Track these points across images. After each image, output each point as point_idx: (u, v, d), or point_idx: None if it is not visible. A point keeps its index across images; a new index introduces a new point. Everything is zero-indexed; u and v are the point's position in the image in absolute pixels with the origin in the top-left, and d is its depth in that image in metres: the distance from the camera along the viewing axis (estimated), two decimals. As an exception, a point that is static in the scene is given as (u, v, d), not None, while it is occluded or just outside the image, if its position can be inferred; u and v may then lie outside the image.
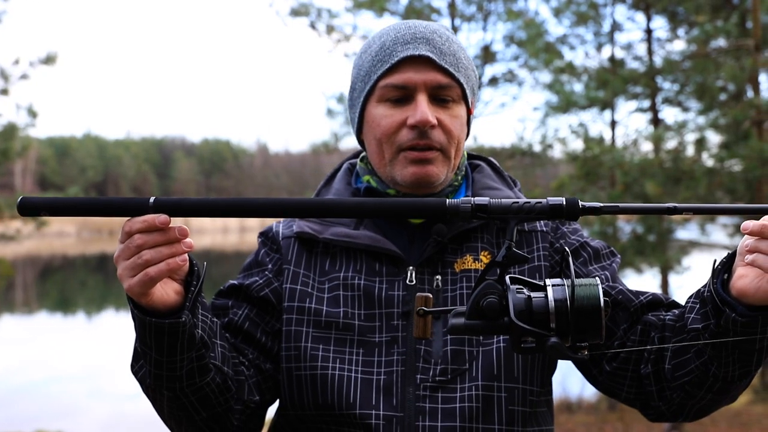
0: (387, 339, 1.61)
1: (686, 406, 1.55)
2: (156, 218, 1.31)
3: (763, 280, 1.31)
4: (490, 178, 1.79)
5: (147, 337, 1.40)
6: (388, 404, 1.57)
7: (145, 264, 1.31)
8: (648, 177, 7.91)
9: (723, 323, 1.37)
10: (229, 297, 1.71)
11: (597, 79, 9.81)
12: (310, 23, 11.17)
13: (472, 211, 1.29)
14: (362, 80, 1.69)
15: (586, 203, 1.28)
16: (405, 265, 1.65)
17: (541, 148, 10.30)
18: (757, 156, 7.46)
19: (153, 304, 1.37)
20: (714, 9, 10.00)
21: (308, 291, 1.66)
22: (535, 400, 1.64)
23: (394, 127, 1.64)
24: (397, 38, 1.65)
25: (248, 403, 1.60)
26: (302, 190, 74.47)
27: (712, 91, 9.11)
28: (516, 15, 10.52)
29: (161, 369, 1.43)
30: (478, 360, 1.59)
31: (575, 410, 11.35)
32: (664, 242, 8.96)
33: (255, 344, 1.66)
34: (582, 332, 1.20)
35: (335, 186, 1.80)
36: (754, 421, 10.44)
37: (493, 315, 1.25)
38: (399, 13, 10.73)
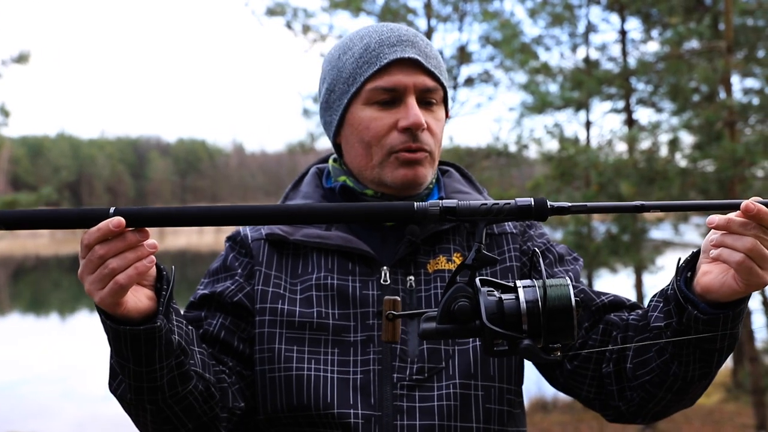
0: (362, 338, 1.60)
1: (645, 406, 1.55)
2: (110, 223, 1.26)
3: (728, 275, 1.32)
4: (460, 183, 1.80)
5: (123, 348, 1.36)
6: (366, 403, 1.56)
7: (113, 273, 1.27)
8: (622, 177, 7.96)
9: (685, 321, 1.37)
10: (201, 308, 1.68)
11: (572, 80, 9.86)
12: (286, 23, 11.13)
13: (440, 213, 1.29)
14: (345, 82, 1.67)
15: (555, 203, 1.28)
16: (378, 265, 1.64)
17: (517, 148, 10.34)
18: (729, 156, 7.53)
19: (127, 313, 1.33)
20: (687, 11, 10.09)
21: (280, 292, 1.64)
22: (513, 399, 1.64)
23: (384, 130, 1.63)
24: (382, 40, 1.65)
25: (234, 410, 1.58)
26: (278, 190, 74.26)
27: (685, 92, 9.18)
28: (492, 16, 10.55)
29: (141, 381, 1.39)
30: (454, 358, 1.59)
31: (551, 410, 11.41)
32: (638, 242, 9.02)
33: (233, 353, 1.63)
34: (554, 333, 1.20)
35: (303, 189, 1.78)
36: (726, 419, 10.54)
37: (464, 318, 1.24)
38: (375, 14, 10.72)
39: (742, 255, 1.27)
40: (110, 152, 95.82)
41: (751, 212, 1.25)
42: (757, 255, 1.27)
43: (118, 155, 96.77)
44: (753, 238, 1.27)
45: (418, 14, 10.99)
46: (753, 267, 1.28)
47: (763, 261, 1.28)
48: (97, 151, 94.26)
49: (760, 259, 1.28)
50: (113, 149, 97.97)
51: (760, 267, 1.28)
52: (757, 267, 1.28)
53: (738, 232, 1.28)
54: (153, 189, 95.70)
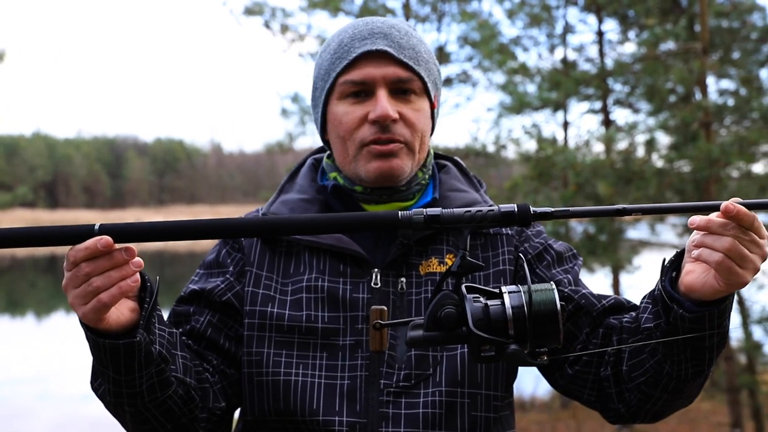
0: (351, 343, 1.59)
1: (643, 407, 1.56)
2: (98, 242, 1.26)
3: (709, 274, 1.33)
4: (457, 179, 1.79)
5: (103, 358, 1.37)
6: (352, 410, 1.56)
7: (96, 291, 1.28)
8: (600, 177, 8.00)
9: (672, 320, 1.38)
10: (191, 303, 1.68)
11: (550, 81, 9.89)
12: (264, 22, 11.09)
13: (425, 222, 1.30)
14: (322, 79, 1.68)
15: (538, 209, 1.30)
16: (370, 266, 1.63)
17: (495, 148, 10.35)
18: (705, 157, 7.58)
19: (109, 327, 1.34)
20: (663, 12, 10.16)
21: (271, 295, 1.64)
22: (499, 405, 1.63)
23: (355, 123, 1.63)
24: (354, 35, 1.65)
25: (214, 410, 1.58)
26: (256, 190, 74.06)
27: (662, 93, 9.24)
28: (470, 16, 10.57)
29: (120, 387, 1.41)
30: (442, 365, 1.58)
31: (528, 409, 11.45)
32: (615, 242, 9.06)
33: (218, 350, 1.64)
34: (540, 337, 1.21)
35: (299, 182, 1.78)
36: (702, 417, 10.63)
37: (451, 325, 1.25)
38: (354, 13, 10.71)
39: (721, 255, 1.29)
40: (87, 152, 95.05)
41: (730, 213, 1.27)
42: (736, 255, 1.29)
43: (94, 155, 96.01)
44: (732, 239, 1.28)
45: (396, 14, 11.00)
46: (732, 266, 1.29)
47: (742, 261, 1.29)
48: (74, 151, 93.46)
49: (740, 259, 1.29)
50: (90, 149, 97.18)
51: (740, 266, 1.30)
52: (736, 266, 1.29)
53: (717, 232, 1.29)
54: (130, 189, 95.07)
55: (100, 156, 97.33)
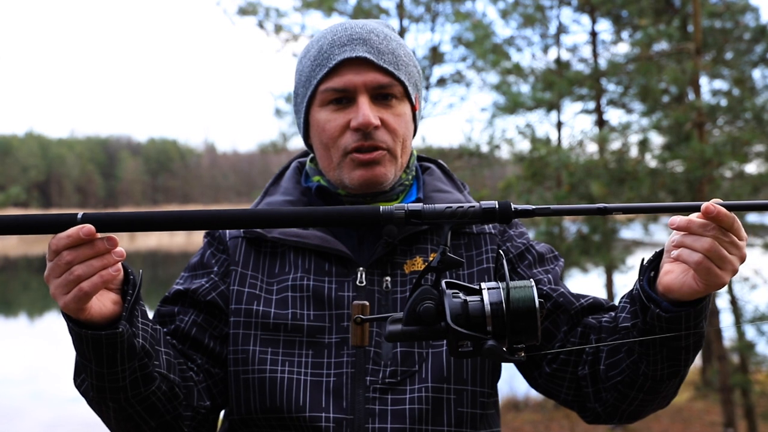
0: (337, 340, 1.60)
1: (619, 407, 1.56)
2: (80, 230, 1.26)
3: (687, 275, 1.33)
4: (440, 181, 1.80)
5: (85, 350, 1.36)
6: (338, 407, 1.56)
7: (78, 280, 1.28)
8: (593, 178, 8.01)
9: (649, 320, 1.39)
10: (175, 303, 1.68)
11: (543, 81, 9.90)
12: (258, 22, 11.08)
13: (405, 217, 1.30)
14: (303, 86, 1.69)
15: (519, 206, 1.30)
16: (355, 266, 1.64)
17: (489, 148, 10.36)
18: (698, 157, 7.60)
19: (91, 318, 1.33)
20: (656, 13, 10.18)
21: (256, 293, 1.64)
22: (485, 401, 1.64)
23: (338, 131, 1.64)
24: (334, 41, 1.65)
25: (198, 409, 1.58)
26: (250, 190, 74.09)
27: (655, 93, 9.26)
28: (464, 16, 10.57)
29: (103, 381, 1.40)
30: (427, 362, 1.59)
31: (522, 408, 11.47)
32: (608, 242, 9.08)
33: (203, 350, 1.64)
34: (518, 334, 1.22)
35: (284, 185, 1.79)
36: (695, 417, 10.66)
37: (429, 320, 1.26)
38: (347, 13, 10.70)
39: (700, 255, 1.29)
40: (80, 152, 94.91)
41: (710, 213, 1.27)
42: (715, 255, 1.29)
43: (87, 155, 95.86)
44: (712, 239, 1.29)
45: (390, 14, 10.99)
46: (711, 267, 1.30)
47: (721, 261, 1.30)
48: (67, 151, 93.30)
49: (719, 260, 1.29)
50: (83, 149, 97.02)
51: (719, 267, 1.30)
52: (715, 267, 1.30)
53: (697, 233, 1.30)
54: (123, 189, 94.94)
55: (94, 156, 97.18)
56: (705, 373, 11.78)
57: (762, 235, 10.12)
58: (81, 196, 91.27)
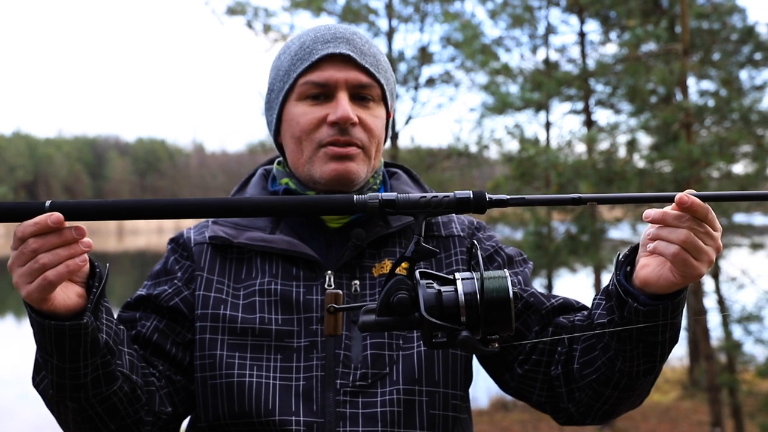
0: (306, 344, 1.58)
1: (594, 406, 1.55)
2: (48, 218, 1.23)
3: (664, 267, 1.33)
4: (407, 184, 1.78)
5: (47, 342, 1.33)
6: (308, 410, 1.54)
7: (43, 268, 1.24)
8: (581, 177, 8.04)
9: (626, 314, 1.39)
10: (137, 309, 1.65)
11: (532, 81, 9.93)
12: (247, 22, 11.09)
13: (379, 206, 1.28)
14: (281, 80, 1.67)
15: (494, 196, 1.28)
16: (323, 269, 1.62)
17: (478, 148, 10.40)
18: (685, 157, 7.63)
19: (55, 309, 1.30)
20: (644, 14, 10.22)
21: (222, 298, 1.62)
22: (458, 404, 1.63)
23: (314, 124, 1.62)
24: (317, 38, 1.64)
25: (160, 415, 1.55)
26: (239, 190, 73.72)
27: (643, 93, 9.30)
28: (453, 17, 10.60)
29: (64, 377, 1.37)
30: (398, 364, 1.58)
31: (511, 408, 11.50)
32: (597, 242, 9.12)
33: (165, 356, 1.61)
34: (492, 324, 1.21)
35: (249, 191, 1.76)
36: (683, 416, 10.71)
37: (403, 311, 1.25)
38: (336, 14, 10.71)
39: (676, 247, 1.29)
40: (68, 151, 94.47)
41: (684, 204, 1.27)
42: (691, 247, 1.29)
43: (75, 154, 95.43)
44: (687, 230, 1.28)
45: (379, 15, 11.01)
46: (688, 258, 1.29)
47: (697, 252, 1.30)
48: (55, 151, 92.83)
49: (695, 251, 1.29)
50: (71, 148, 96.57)
51: (695, 258, 1.30)
52: (692, 258, 1.30)
53: (673, 224, 1.29)
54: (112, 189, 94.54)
55: (81, 156, 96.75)
56: (692, 372, 11.84)
57: (749, 235, 10.17)
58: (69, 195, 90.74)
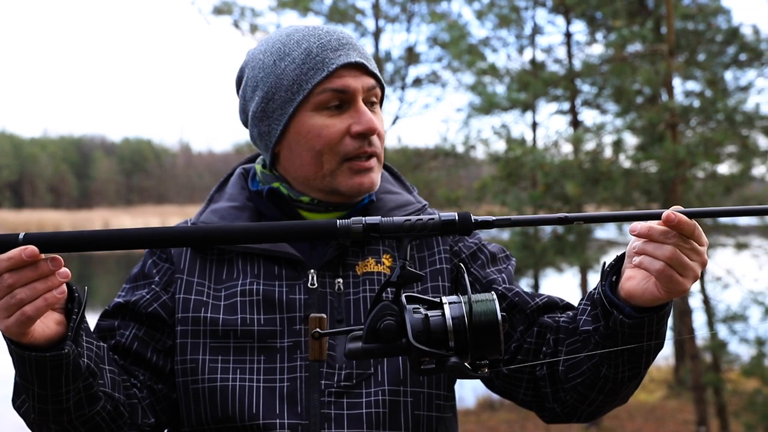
0: (289, 344, 1.56)
1: (579, 407, 1.56)
2: (22, 252, 1.21)
3: (649, 282, 1.33)
4: (389, 182, 1.78)
5: (28, 372, 1.31)
6: (293, 412, 1.53)
7: (20, 303, 1.22)
8: (568, 178, 8.06)
9: (611, 325, 1.38)
10: (115, 317, 1.62)
11: (518, 81, 9.95)
12: (234, 22, 11.06)
13: (363, 231, 1.28)
14: (288, 90, 1.60)
15: (479, 217, 1.29)
16: (305, 268, 1.61)
17: (464, 149, 10.41)
18: (671, 158, 7.67)
19: (34, 340, 1.28)
20: (630, 14, 10.26)
21: (203, 300, 1.59)
22: (442, 404, 1.62)
23: (337, 137, 1.59)
24: (323, 44, 1.60)
25: (143, 427, 1.54)
26: (226, 190, 73.51)
27: (629, 94, 9.33)
28: (439, 17, 10.61)
29: (46, 404, 1.35)
30: (383, 364, 1.57)
31: (498, 408, 11.52)
32: (583, 242, 9.14)
33: (146, 365, 1.59)
34: (481, 348, 1.20)
35: (228, 191, 1.73)
36: (668, 415, 10.76)
37: (390, 337, 1.24)
38: (323, 13, 10.70)
39: (662, 263, 1.30)
40: (53, 151, 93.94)
41: (671, 222, 1.27)
42: (676, 263, 1.29)
43: (61, 154, 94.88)
44: (673, 247, 1.29)
45: (366, 15, 11.01)
46: (673, 275, 1.30)
47: (682, 269, 1.30)
48: (40, 150, 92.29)
49: (680, 267, 1.30)
50: (56, 148, 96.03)
51: (680, 274, 1.30)
52: (677, 275, 1.30)
53: (659, 240, 1.30)
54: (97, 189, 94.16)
55: (67, 155, 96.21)
56: (678, 372, 11.88)
57: (734, 235, 10.22)
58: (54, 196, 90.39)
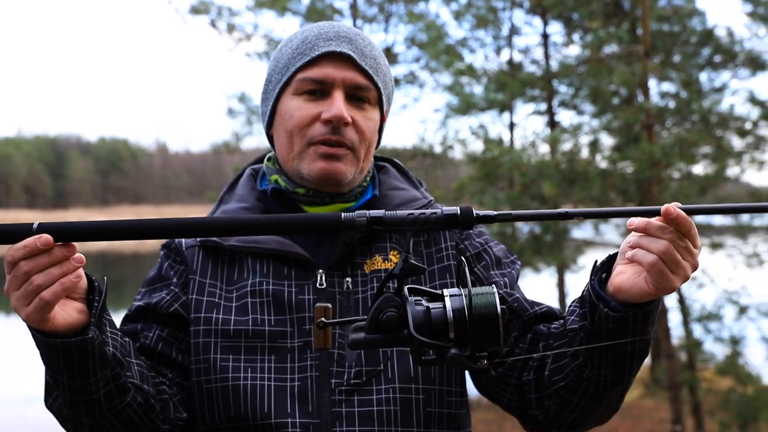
0: (299, 344, 1.57)
1: (561, 414, 1.56)
2: (37, 240, 1.24)
3: (640, 276, 1.34)
4: (396, 179, 1.79)
5: (56, 361, 1.33)
6: (304, 411, 1.54)
7: (38, 289, 1.25)
8: (545, 178, 8.10)
9: (597, 320, 1.40)
10: (137, 320, 1.64)
11: (496, 82, 9.99)
12: (211, 21, 11.00)
13: (367, 224, 1.29)
14: (279, 72, 1.66)
15: (481, 212, 1.30)
16: (314, 268, 1.61)
17: (442, 149, 10.42)
18: (647, 158, 7.72)
19: (57, 328, 1.30)
20: (606, 16, 10.34)
21: (215, 301, 1.61)
22: (454, 401, 1.63)
23: (307, 120, 1.61)
24: (320, 34, 1.64)
25: (176, 422, 1.55)
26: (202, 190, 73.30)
27: (605, 95, 9.41)
28: (417, 17, 10.61)
29: (76, 395, 1.37)
30: (393, 360, 1.57)
31: (475, 407, 11.54)
32: (560, 242, 9.18)
33: (172, 364, 1.61)
34: (480, 340, 1.22)
35: (238, 192, 1.76)
36: (644, 414, 10.84)
37: (392, 328, 1.25)
38: (301, 13, 10.68)
39: (654, 257, 1.31)
40: (28, 151, 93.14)
41: (671, 215, 1.28)
42: (669, 258, 1.30)
43: (36, 154, 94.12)
44: (668, 242, 1.30)
45: (344, 14, 10.99)
46: (664, 270, 1.31)
47: (674, 265, 1.31)
48: (14, 150, 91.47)
49: (672, 263, 1.31)
50: (31, 148, 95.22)
51: (671, 271, 1.31)
52: (668, 271, 1.31)
53: (655, 234, 1.31)
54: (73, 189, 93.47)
55: (42, 155, 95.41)
56: (654, 371, 11.97)
57: (709, 235, 10.32)
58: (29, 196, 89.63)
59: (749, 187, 10.81)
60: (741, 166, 9.72)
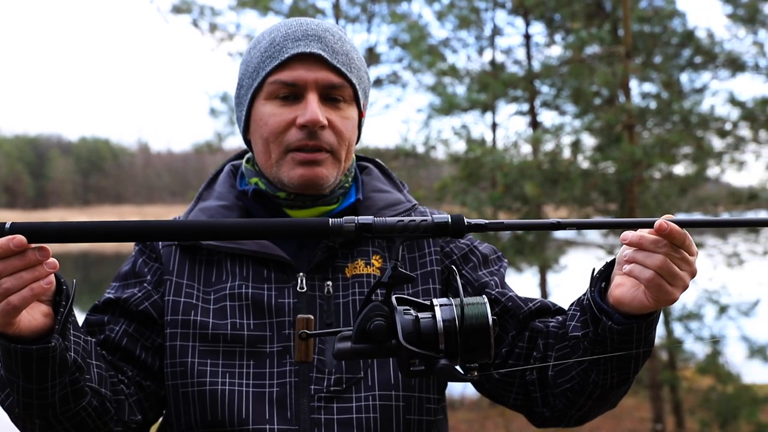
0: (279, 349, 1.55)
1: (568, 412, 1.56)
2: (9, 241, 1.19)
3: (638, 290, 1.34)
4: (379, 180, 1.76)
5: (14, 366, 1.29)
6: (282, 418, 1.51)
7: (6, 293, 1.21)
8: (527, 178, 8.12)
9: (600, 331, 1.39)
10: (105, 312, 1.61)
11: (478, 82, 10.01)
12: (193, 21, 10.96)
13: (356, 230, 1.26)
14: (250, 77, 1.62)
15: (472, 220, 1.28)
16: (294, 271, 1.59)
17: (425, 149, 10.42)
18: (628, 158, 7.76)
19: (20, 332, 1.27)
20: (588, 16, 10.37)
21: (193, 302, 1.58)
22: (432, 407, 1.61)
23: (282, 126, 1.58)
24: (287, 34, 1.60)
25: (129, 424, 1.52)
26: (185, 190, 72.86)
27: (587, 95, 9.43)
28: (400, 17, 10.62)
29: (31, 398, 1.34)
30: (373, 368, 1.55)
31: (457, 407, 11.56)
32: (542, 242, 9.21)
33: (134, 361, 1.57)
34: (471, 352, 1.20)
35: (217, 189, 1.72)
36: (625, 413, 10.88)
37: (380, 338, 1.23)
38: (283, 13, 10.65)
39: (652, 272, 1.30)
40: (7, 150, 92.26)
41: (663, 231, 1.28)
42: (666, 272, 1.30)
43: (16, 153, 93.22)
44: (663, 256, 1.29)
45: (326, 14, 10.98)
46: (662, 284, 1.30)
47: (672, 278, 1.30)
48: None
49: (670, 277, 1.30)
50: (10, 147, 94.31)
51: (670, 284, 1.31)
52: (666, 284, 1.31)
53: (649, 249, 1.30)
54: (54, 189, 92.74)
55: (22, 155, 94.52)
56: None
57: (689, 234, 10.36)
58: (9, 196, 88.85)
59: (729, 187, 10.88)
60: (721, 166, 9.77)
